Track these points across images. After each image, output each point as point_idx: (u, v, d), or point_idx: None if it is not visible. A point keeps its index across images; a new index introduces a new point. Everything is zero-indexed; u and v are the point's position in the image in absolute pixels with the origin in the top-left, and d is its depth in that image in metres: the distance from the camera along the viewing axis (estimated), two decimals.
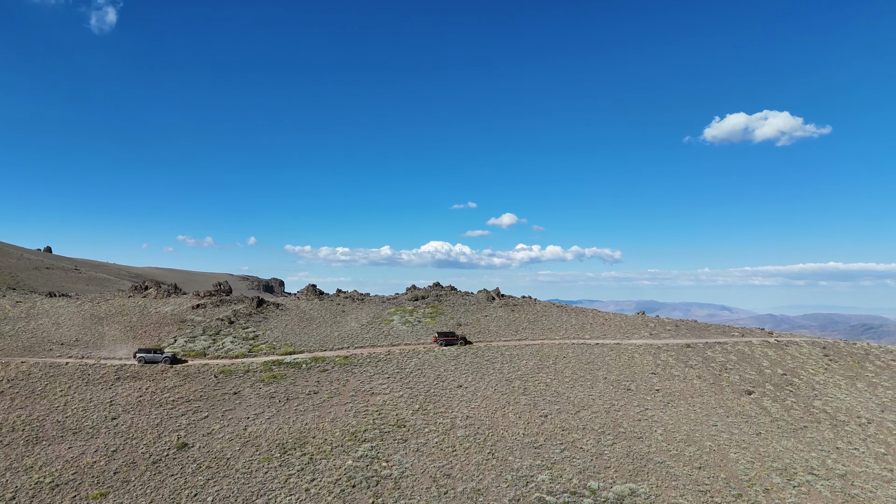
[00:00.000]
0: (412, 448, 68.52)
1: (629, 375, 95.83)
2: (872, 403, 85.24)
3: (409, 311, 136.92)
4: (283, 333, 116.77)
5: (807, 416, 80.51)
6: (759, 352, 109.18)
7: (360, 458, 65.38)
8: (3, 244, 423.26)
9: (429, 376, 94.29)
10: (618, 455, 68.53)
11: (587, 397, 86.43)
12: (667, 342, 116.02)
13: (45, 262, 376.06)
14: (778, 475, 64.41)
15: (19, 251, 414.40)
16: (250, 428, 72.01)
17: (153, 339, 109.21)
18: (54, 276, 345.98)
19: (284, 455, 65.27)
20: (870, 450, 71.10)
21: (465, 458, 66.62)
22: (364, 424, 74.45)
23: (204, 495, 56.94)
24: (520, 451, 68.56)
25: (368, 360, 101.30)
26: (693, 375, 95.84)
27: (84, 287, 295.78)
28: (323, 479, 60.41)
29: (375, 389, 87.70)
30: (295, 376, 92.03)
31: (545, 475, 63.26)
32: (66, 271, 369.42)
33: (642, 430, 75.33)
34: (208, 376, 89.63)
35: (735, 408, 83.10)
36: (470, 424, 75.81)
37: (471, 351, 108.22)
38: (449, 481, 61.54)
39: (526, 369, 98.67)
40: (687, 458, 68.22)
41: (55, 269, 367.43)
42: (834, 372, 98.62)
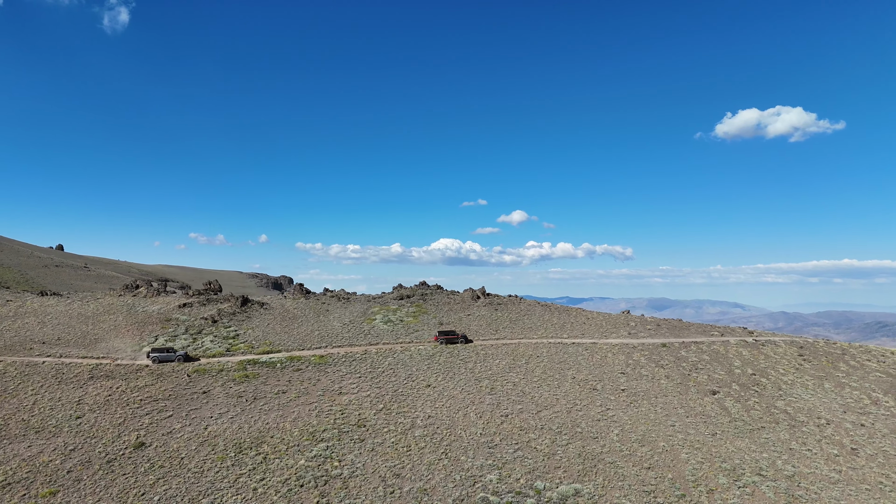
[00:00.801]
0: (367, 448, 69.11)
1: (598, 375, 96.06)
2: (836, 404, 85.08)
3: (393, 311, 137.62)
4: (263, 332, 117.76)
5: (766, 417, 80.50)
6: (733, 351, 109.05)
7: (313, 457, 66.02)
8: (14, 242, 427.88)
9: (400, 376, 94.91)
10: (570, 455, 68.86)
11: (552, 397, 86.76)
12: (643, 342, 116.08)
13: (55, 261, 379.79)
14: (725, 476, 64.54)
15: (30, 249, 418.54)
16: (211, 427, 72.85)
17: (135, 338, 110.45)
18: (63, 273, 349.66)
19: (239, 454, 66.00)
20: (823, 451, 71.06)
21: (419, 457, 67.14)
22: (324, 424, 75.12)
23: (152, 494, 57.75)
24: (473, 451, 68.97)
25: (343, 360, 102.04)
26: (661, 375, 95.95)
27: (92, 285, 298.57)
28: (272, 479, 61.07)
29: (344, 389, 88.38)
30: (268, 375, 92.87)
31: (494, 475, 63.64)
32: (76, 269, 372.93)
33: (599, 430, 75.61)
34: (181, 375, 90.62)
35: (696, 408, 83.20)
36: (430, 424, 76.33)
37: (446, 350, 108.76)
38: (397, 481, 62.05)
39: (497, 369, 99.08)
40: (638, 458, 68.46)
41: (64, 266, 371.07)
42: (804, 372, 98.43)
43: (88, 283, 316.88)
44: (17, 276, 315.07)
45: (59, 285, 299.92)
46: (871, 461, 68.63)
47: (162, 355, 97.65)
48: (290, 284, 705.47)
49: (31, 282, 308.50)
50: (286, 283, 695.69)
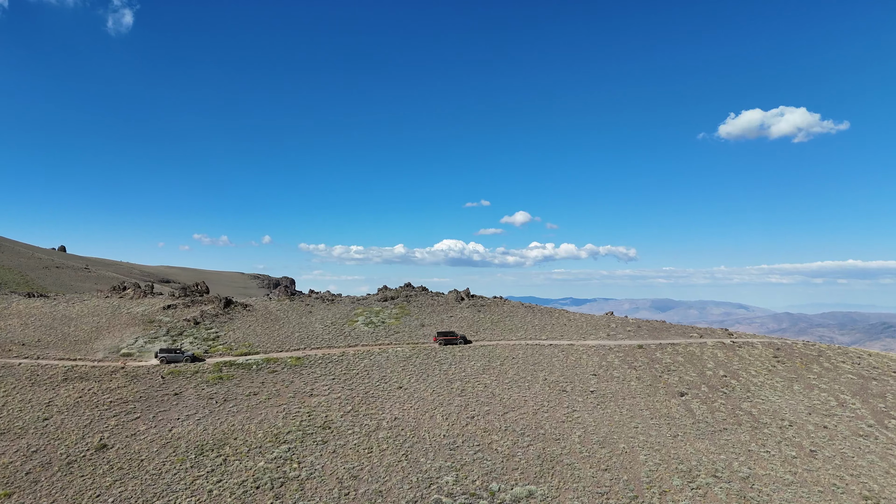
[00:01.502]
0: (329, 449, 69.54)
1: (569, 377, 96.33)
2: (802, 406, 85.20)
3: (376, 312, 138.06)
4: (244, 334, 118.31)
5: (730, 418, 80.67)
6: (708, 353, 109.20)
7: (273, 459, 66.45)
8: (15, 243, 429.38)
9: (373, 377, 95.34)
10: (529, 457, 69.16)
11: (520, 398, 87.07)
12: (620, 343, 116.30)
13: (56, 262, 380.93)
14: (680, 477, 64.76)
15: (31, 250, 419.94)
16: (175, 429, 73.34)
17: (116, 340, 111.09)
18: (64, 275, 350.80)
19: (199, 456, 66.45)
20: (781, 453, 71.20)
21: (379, 459, 67.53)
22: (290, 426, 75.57)
23: (107, 496, 58.23)
24: (434, 453, 69.34)
25: (320, 362, 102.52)
26: (633, 377, 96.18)
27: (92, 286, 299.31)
28: (229, 481, 61.51)
29: (316, 391, 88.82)
30: (242, 377, 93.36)
31: (451, 477, 64.00)
32: (76, 270, 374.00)
33: (562, 432, 75.90)
34: (156, 377, 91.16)
35: (662, 409, 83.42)
36: (395, 426, 76.72)
37: (423, 352, 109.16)
38: (354, 482, 62.46)
39: (472, 370, 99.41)
40: (596, 459, 68.74)
41: (65, 268, 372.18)
42: (776, 374, 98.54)
43: (88, 284, 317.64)
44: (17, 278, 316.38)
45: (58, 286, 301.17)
46: (827, 463, 68.77)
47: (170, 356, 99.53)
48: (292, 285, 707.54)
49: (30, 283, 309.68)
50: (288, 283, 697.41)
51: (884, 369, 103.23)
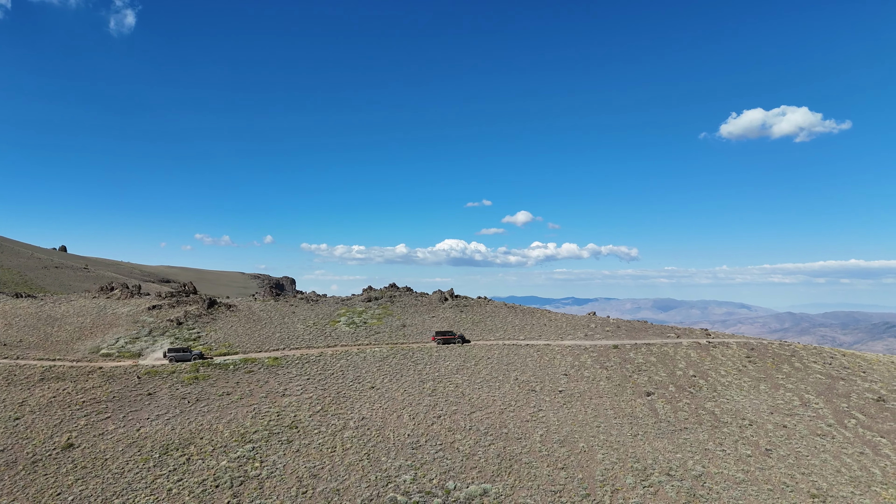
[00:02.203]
0: (293, 449, 70.64)
1: (540, 376, 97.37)
2: (765, 405, 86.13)
3: (359, 313, 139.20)
4: (225, 335, 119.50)
5: (692, 418, 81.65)
6: (682, 353, 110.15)
7: (236, 458, 67.59)
8: (14, 243, 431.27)
9: (348, 377, 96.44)
10: (489, 456, 70.22)
11: (489, 398, 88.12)
12: (596, 343, 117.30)
13: (55, 262, 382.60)
14: (633, 476, 65.78)
15: (30, 250, 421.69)
16: (144, 429, 74.54)
17: (97, 340, 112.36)
18: (62, 275, 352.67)
19: (164, 456, 67.60)
20: (737, 451, 72.18)
21: (340, 458, 68.63)
22: (257, 425, 76.70)
23: (67, 495, 59.41)
24: (396, 452, 70.42)
25: (297, 362, 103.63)
26: (603, 377, 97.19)
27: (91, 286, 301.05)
28: (190, 480, 62.64)
29: (289, 391, 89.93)
30: (218, 377, 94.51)
31: (409, 475, 65.07)
32: (76, 270, 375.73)
33: (525, 431, 76.94)
34: (132, 377, 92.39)
35: (626, 409, 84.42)
36: (361, 426, 77.83)
37: (400, 352, 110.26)
38: (313, 481, 63.55)
39: (445, 370, 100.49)
40: (555, 458, 69.78)
41: (64, 268, 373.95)
42: (745, 374, 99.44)
43: (87, 284, 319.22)
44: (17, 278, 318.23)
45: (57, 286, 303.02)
46: (781, 462, 69.72)
47: (178, 354, 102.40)
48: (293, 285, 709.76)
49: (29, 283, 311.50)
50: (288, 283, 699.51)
51: (854, 369, 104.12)
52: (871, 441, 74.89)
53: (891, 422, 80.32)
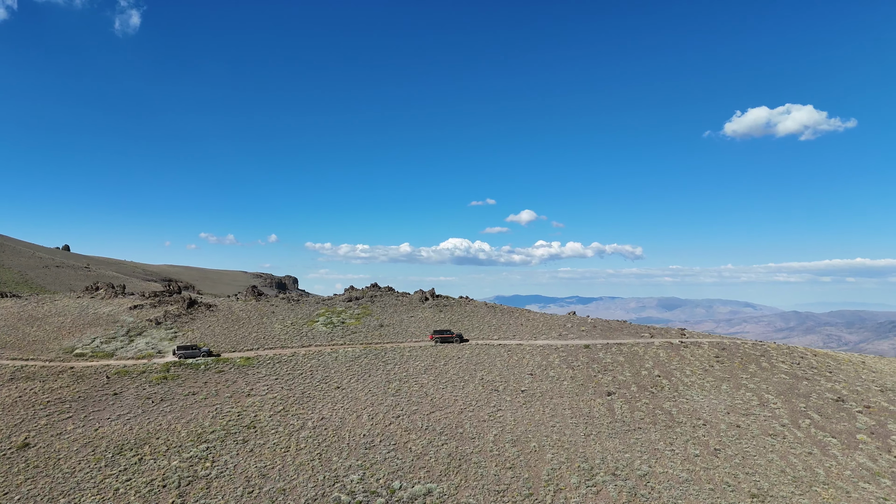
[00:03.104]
0: (247, 449, 71.36)
1: (506, 376, 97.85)
2: (723, 405, 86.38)
3: (338, 313, 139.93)
4: (202, 334, 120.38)
5: (647, 418, 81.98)
6: (651, 353, 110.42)
7: (188, 458, 68.34)
8: (17, 242, 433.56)
9: (316, 377, 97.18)
10: (440, 456, 70.76)
11: (451, 398, 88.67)
12: (568, 343, 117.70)
13: (56, 261, 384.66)
14: (578, 476, 66.22)
15: (32, 249, 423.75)
16: (102, 429, 75.40)
17: (74, 340, 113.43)
18: (63, 274, 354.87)
19: (117, 455, 68.42)
20: (686, 451, 72.50)
21: (292, 458, 69.28)
22: (216, 426, 77.48)
23: (14, 494, 60.23)
24: (348, 452, 71.05)
25: (269, 362, 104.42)
26: (567, 376, 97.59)
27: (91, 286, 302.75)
28: (138, 480, 63.40)
29: (255, 391, 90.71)
30: (187, 377, 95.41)
31: (357, 475, 65.68)
32: (76, 269, 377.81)
33: (480, 431, 77.45)
34: (101, 377, 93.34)
35: (584, 409, 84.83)
36: (319, 426, 78.51)
37: (373, 352, 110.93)
38: (261, 481, 64.22)
39: (414, 370, 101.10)
40: (504, 458, 70.26)
41: (65, 267, 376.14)
42: (711, 373, 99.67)
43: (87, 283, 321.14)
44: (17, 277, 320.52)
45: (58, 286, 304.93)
46: (727, 461, 70.03)
47: (187, 352, 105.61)
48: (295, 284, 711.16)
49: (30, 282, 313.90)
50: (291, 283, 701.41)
51: (821, 369, 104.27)
52: (822, 441, 75.14)
53: (845, 422, 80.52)
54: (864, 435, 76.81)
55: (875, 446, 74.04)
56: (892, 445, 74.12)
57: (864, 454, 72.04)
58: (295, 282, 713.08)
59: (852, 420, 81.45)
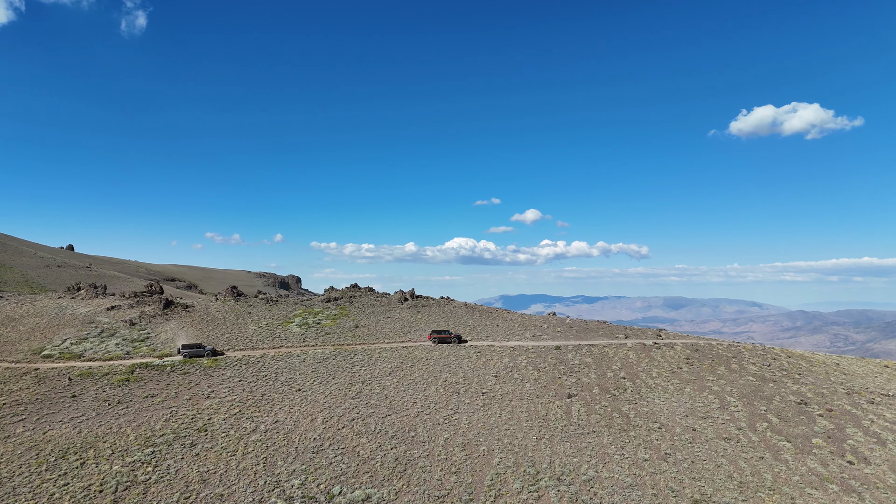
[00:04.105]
0: (194, 452, 70.40)
1: (470, 378, 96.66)
2: (683, 408, 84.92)
3: (315, 314, 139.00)
4: (174, 336, 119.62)
5: (603, 421, 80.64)
6: (622, 354, 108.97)
7: (131, 462, 67.40)
8: (19, 241, 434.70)
9: (280, 380, 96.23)
10: (387, 460, 69.66)
11: (410, 400, 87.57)
12: (540, 344, 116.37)
13: (58, 261, 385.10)
14: (521, 480, 64.99)
15: (34, 249, 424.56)
16: (51, 432, 74.59)
17: (45, 341, 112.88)
18: (64, 273, 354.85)
19: (59, 460, 67.53)
20: (635, 455, 71.14)
21: (237, 463, 68.30)
22: (167, 429, 76.58)
23: None
24: (295, 457, 70.02)
25: (236, 363, 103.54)
26: (531, 378, 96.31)
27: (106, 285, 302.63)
28: (76, 485, 62.46)
29: (215, 393, 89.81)
30: (150, 379, 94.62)
31: (299, 480, 64.64)
32: (78, 269, 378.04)
33: (432, 434, 76.32)
34: (64, 379, 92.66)
35: (541, 412, 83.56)
36: (272, 429, 77.52)
37: (342, 354, 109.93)
38: (200, 486, 63.22)
39: (380, 372, 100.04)
40: (451, 462, 69.12)
41: (66, 266, 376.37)
42: (677, 375, 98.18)
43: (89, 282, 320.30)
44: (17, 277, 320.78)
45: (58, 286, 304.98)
46: (676, 466, 68.66)
47: (192, 351, 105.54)
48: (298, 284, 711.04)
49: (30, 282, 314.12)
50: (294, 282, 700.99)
51: (791, 371, 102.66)
52: (776, 445, 73.63)
53: (803, 425, 78.97)
54: (819, 439, 75.22)
55: (829, 451, 72.49)
56: (846, 450, 72.53)
57: (816, 459, 70.49)
58: (298, 281, 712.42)
59: (811, 424, 79.86)
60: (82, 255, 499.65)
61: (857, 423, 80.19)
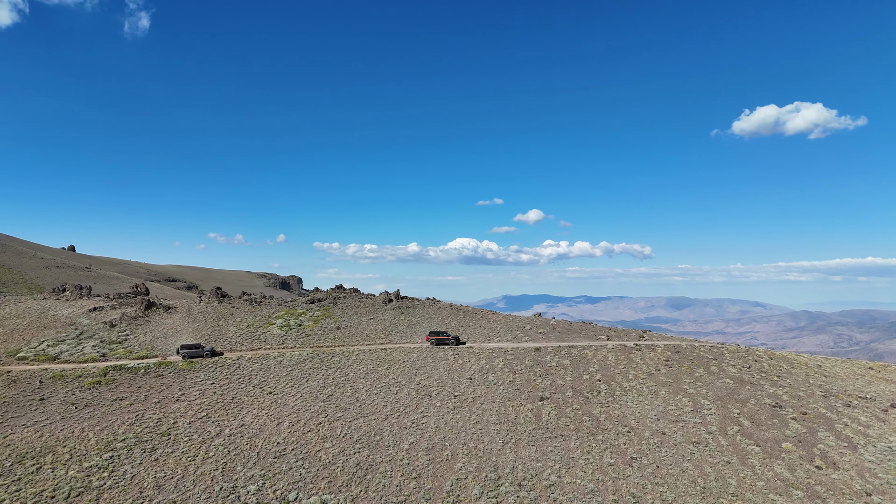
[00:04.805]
0: (153, 458, 69.23)
1: (444, 381, 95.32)
2: (655, 411, 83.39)
3: (297, 315, 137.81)
4: (153, 337, 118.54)
5: (572, 424, 79.21)
6: (601, 356, 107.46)
7: (88, 468, 66.24)
8: (19, 242, 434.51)
9: (252, 382, 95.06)
10: (349, 465, 68.43)
11: (380, 404, 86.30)
12: (521, 345, 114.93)
13: (58, 262, 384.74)
14: (482, 486, 63.66)
15: (34, 250, 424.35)
16: (12, 436, 73.44)
17: (23, 342, 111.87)
18: (63, 274, 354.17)
19: (16, 464, 66.36)
20: (601, 460, 69.69)
21: (196, 468, 67.13)
22: (130, 433, 75.42)
23: None
24: (255, 462, 68.83)
25: (211, 365, 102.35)
26: (506, 381, 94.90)
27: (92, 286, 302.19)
28: (28, 491, 61.31)
29: (186, 396, 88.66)
30: (122, 382, 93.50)
31: (256, 486, 63.48)
32: (77, 270, 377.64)
33: (397, 439, 75.02)
34: (35, 381, 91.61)
35: (511, 415, 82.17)
36: (235, 433, 76.33)
37: (319, 356, 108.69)
38: (154, 492, 62.06)
39: (354, 375, 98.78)
40: (412, 467, 67.84)
41: (66, 267, 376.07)
42: (654, 377, 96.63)
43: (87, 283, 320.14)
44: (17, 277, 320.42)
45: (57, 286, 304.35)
46: (640, 471, 67.22)
47: (191, 351, 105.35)
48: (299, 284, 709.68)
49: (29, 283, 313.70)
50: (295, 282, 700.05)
51: (770, 373, 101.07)
52: (744, 450, 72.10)
53: (774, 429, 77.41)
54: (790, 443, 73.68)
55: (798, 455, 70.95)
56: (815, 455, 70.97)
57: (783, 464, 68.97)
58: (299, 282, 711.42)
59: (783, 427, 78.31)
60: (83, 255, 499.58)
61: (830, 426, 78.59)
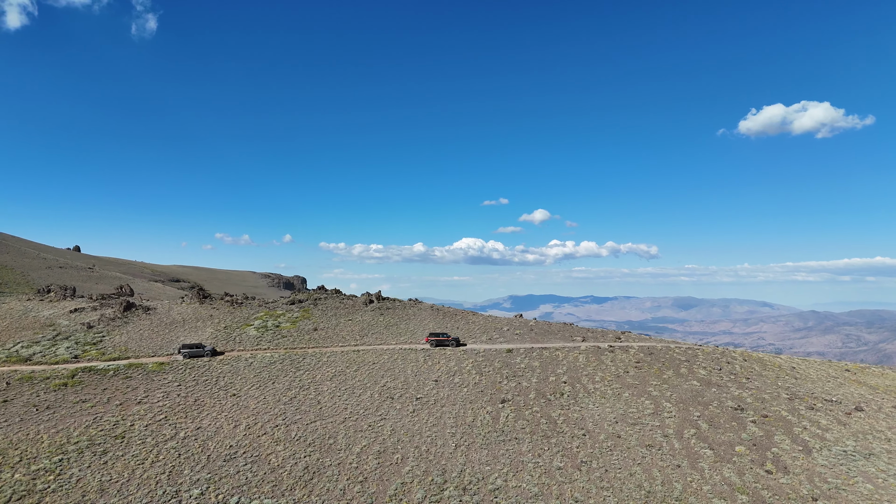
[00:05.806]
0: (103, 461, 68.69)
1: (410, 383, 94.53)
2: (615, 414, 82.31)
3: (276, 316, 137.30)
4: (128, 339, 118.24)
5: (529, 427, 78.25)
6: (570, 358, 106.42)
7: (34, 471, 65.76)
8: (22, 242, 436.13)
9: (219, 384, 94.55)
10: (296, 469, 67.75)
11: (341, 406, 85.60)
12: (493, 347, 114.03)
13: (60, 262, 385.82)
14: (426, 490, 62.88)
15: (37, 250, 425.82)
16: None
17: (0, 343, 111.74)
18: (66, 275, 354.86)
19: None
20: (550, 464, 68.68)
21: (143, 471, 66.56)
22: (84, 435, 74.93)
23: None
24: (203, 465, 68.22)
25: (180, 368, 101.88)
26: (471, 383, 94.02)
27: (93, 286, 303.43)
28: None
29: (150, 398, 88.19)
30: (89, 383, 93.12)
31: (199, 489, 62.89)
32: (80, 270, 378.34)
33: (351, 442, 74.30)
34: (2, 383, 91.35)
35: (468, 417, 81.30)
36: (191, 436, 75.75)
37: (290, 358, 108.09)
38: (96, 496, 61.51)
39: (321, 377, 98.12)
40: (360, 471, 67.12)
41: (69, 268, 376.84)
42: (621, 380, 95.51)
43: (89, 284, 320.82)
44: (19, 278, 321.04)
45: None
46: (587, 475, 66.24)
47: (192, 351, 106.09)
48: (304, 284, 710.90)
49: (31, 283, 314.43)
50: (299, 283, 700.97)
51: (739, 375, 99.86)
52: (697, 453, 70.96)
53: (731, 432, 76.23)
54: (744, 447, 72.50)
55: (750, 459, 69.76)
56: (768, 459, 69.79)
57: (733, 468, 67.80)
58: (304, 282, 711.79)
59: (741, 430, 77.12)
60: (87, 256, 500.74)
61: (788, 429, 77.36)
